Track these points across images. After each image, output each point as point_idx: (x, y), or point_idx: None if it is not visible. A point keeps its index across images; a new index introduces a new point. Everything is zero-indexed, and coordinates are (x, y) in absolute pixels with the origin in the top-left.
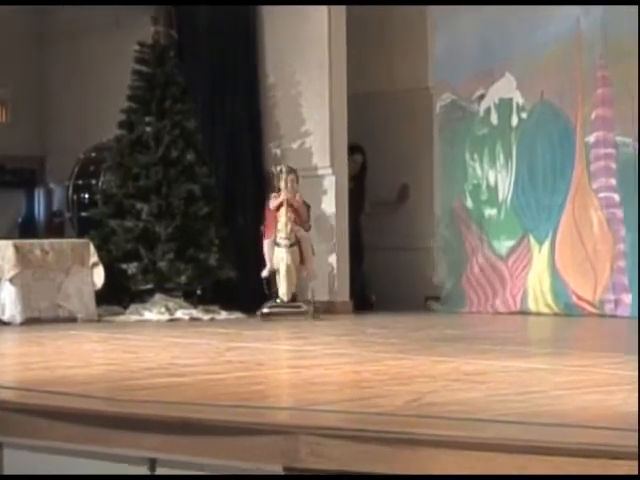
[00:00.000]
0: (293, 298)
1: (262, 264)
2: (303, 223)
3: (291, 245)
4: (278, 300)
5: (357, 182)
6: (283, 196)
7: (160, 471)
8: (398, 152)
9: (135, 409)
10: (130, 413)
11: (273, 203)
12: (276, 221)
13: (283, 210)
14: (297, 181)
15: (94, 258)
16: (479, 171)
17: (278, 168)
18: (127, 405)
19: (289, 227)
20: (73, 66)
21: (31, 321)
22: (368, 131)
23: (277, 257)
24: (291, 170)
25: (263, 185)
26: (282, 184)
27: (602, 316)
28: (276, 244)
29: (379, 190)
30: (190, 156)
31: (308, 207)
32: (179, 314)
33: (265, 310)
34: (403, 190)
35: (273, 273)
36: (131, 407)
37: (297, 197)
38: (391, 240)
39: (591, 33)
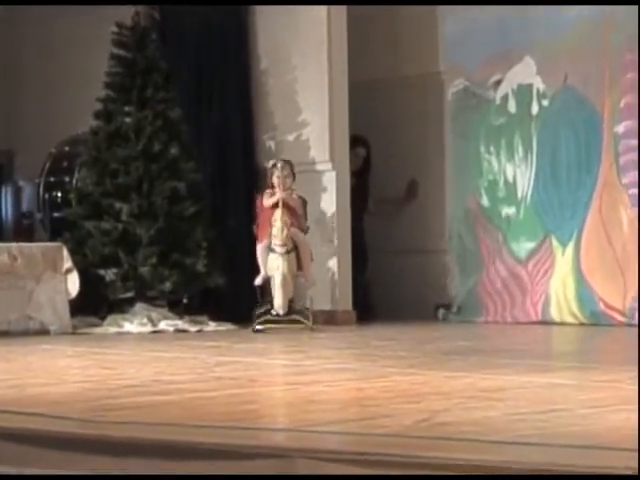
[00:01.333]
0: (289, 310)
1: (255, 270)
2: (301, 225)
3: (288, 252)
4: (273, 312)
5: (360, 178)
6: (279, 195)
7: None
8: (405, 145)
9: (114, 431)
10: (109, 436)
11: (267, 201)
12: (270, 223)
13: (278, 213)
14: (293, 178)
15: (68, 264)
16: (495, 165)
17: (271, 163)
18: (105, 427)
19: (285, 233)
20: (44, 51)
21: None
22: (372, 122)
23: (272, 264)
24: (287, 165)
25: (256, 182)
26: (276, 181)
27: (633, 326)
28: (271, 250)
29: (384, 187)
30: (174, 150)
31: (304, 203)
32: (163, 325)
33: (258, 327)
34: (411, 187)
35: (267, 281)
36: (110, 429)
37: (293, 195)
38: (398, 242)
39: (620, 11)
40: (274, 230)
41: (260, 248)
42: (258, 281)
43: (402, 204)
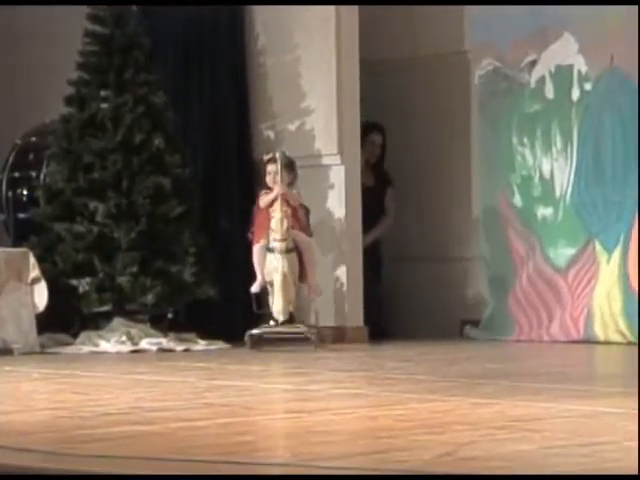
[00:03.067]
0: (291, 318)
1: (251, 278)
2: (302, 225)
3: (288, 250)
4: (272, 322)
5: (378, 170)
6: (277, 190)
7: None
8: (425, 136)
9: (88, 466)
10: (82, 471)
11: (264, 200)
12: (268, 221)
13: (277, 205)
14: (295, 175)
15: (35, 272)
16: (530, 159)
17: (267, 156)
18: (78, 462)
19: (285, 225)
20: (5, 28)
21: None
22: (386, 109)
23: (270, 266)
24: (287, 161)
25: (252, 178)
26: (272, 177)
27: None
28: (269, 250)
29: (399, 186)
30: (158, 140)
31: (307, 211)
32: (144, 344)
33: (255, 331)
34: None
35: (266, 287)
36: (83, 464)
37: (295, 194)
38: (417, 248)
39: None
40: (272, 223)
41: (257, 250)
42: (255, 288)
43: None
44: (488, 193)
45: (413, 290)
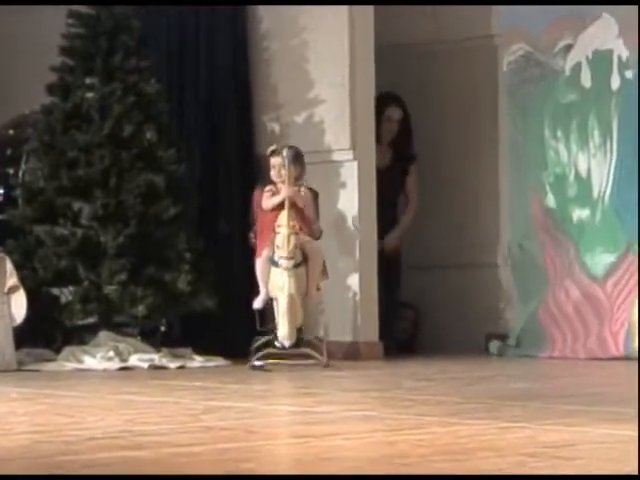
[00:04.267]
0: (298, 341)
1: (254, 289)
2: (311, 230)
3: (295, 265)
4: (277, 344)
5: (396, 151)
6: (284, 193)
7: None
8: (447, 129)
9: None
10: None
11: (267, 202)
12: (272, 230)
13: (283, 217)
14: (302, 169)
15: (12, 280)
16: (564, 155)
17: (271, 148)
18: None
19: (292, 243)
20: None
21: None
22: (405, 99)
23: (275, 282)
24: (293, 151)
25: (254, 175)
26: (279, 173)
27: None
28: (273, 263)
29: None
30: (150, 134)
31: (315, 196)
32: (134, 360)
33: (257, 362)
34: None
35: (270, 304)
36: None
37: (302, 191)
38: (437, 255)
39: None
40: (277, 239)
41: (260, 262)
42: (258, 304)
43: None
44: (517, 193)
45: (432, 301)
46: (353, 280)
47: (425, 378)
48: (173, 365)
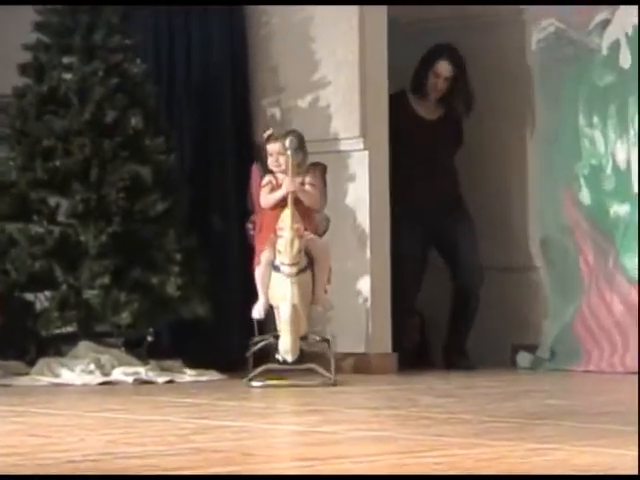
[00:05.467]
0: (301, 356)
1: (252, 295)
2: (317, 227)
3: (300, 271)
4: (278, 358)
5: (445, 103)
6: (286, 187)
7: None
8: (472, 114)
9: None
10: None
11: (267, 198)
12: (273, 229)
13: (287, 218)
14: (305, 153)
15: None
16: (601, 144)
17: (267, 133)
18: None
19: (296, 247)
20: None
21: None
22: None
23: (276, 289)
24: (293, 137)
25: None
26: (274, 159)
27: None
28: (274, 268)
29: None
30: (136, 120)
31: (323, 171)
32: (118, 374)
33: (255, 383)
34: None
35: (270, 312)
36: None
37: (307, 180)
38: None
39: None
40: (280, 243)
41: (260, 267)
42: (257, 312)
43: None
44: (548, 187)
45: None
46: (364, 283)
47: (445, 394)
48: (161, 379)
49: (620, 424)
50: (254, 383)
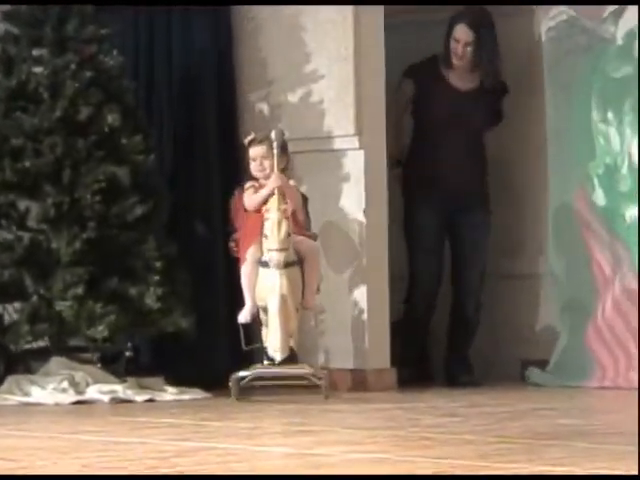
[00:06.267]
0: (291, 356)
1: (238, 303)
2: (304, 229)
3: (288, 264)
4: (266, 362)
5: (480, 95)
6: (272, 182)
7: None
8: None
9: None
10: None
11: (251, 199)
12: (259, 233)
13: (273, 200)
14: (289, 157)
15: None
16: (616, 141)
17: (249, 138)
18: None
19: (284, 230)
20: None
21: None
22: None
23: (264, 285)
24: (282, 139)
25: (238, 167)
26: (258, 164)
27: None
28: (262, 264)
29: None
30: (112, 117)
31: (305, 201)
32: (93, 393)
33: (243, 374)
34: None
35: (258, 316)
36: None
37: (292, 184)
38: None
39: None
40: (266, 226)
41: (246, 265)
42: (243, 317)
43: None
44: (559, 187)
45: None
46: (360, 294)
47: (448, 413)
48: (140, 398)
49: (637, 445)
50: (242, 373)
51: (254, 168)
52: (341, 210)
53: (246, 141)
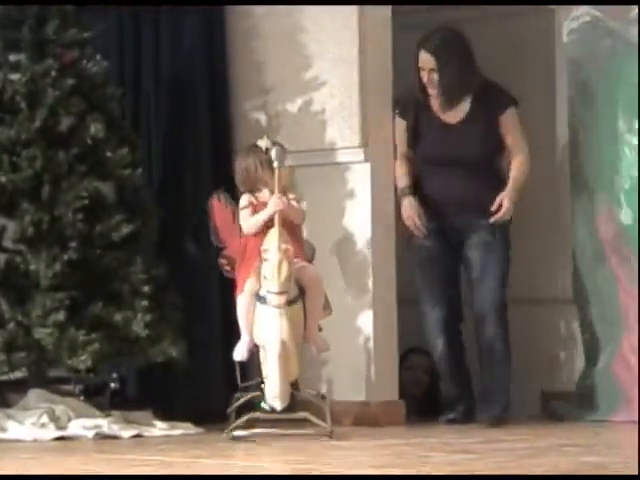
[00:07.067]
0: (292, 403)
1: (234, 334)
2: (305, 252)
3: (290, 302)
4: (265, 406)
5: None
6: (273, 206)
7: None
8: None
9: None
10: None
11: (249, 222)
12: (258, 257)
13: (273, 238)
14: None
15: None
16: None
17: (244, 150)
18: None
19: (285, 272)
20: None
21: None
22: None
23: (262, 325)
24: (278, 150)
25: (233, 181)
26: (262, 180)
27: None
28: (259, 299)
29: None
30: (96, 127)
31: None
32: (75, 428)
33: (238, 432)
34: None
35: (255, 352)
36: None
37: (291, 197)
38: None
39: None
40: (265, 268)
41: (243, 297)
42: (239, 353)
43: None
44: (581, 204)
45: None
46: (365, 320)
47: (462, 449)
48: (127, 434)
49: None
50: (236, 433)
51: (257, 184)
52: (345, 229)
53: (241, 153)
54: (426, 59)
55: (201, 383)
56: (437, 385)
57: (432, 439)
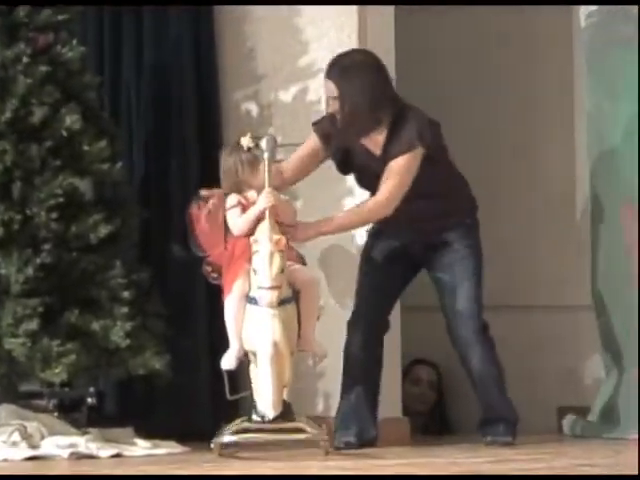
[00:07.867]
0: (285, 412)
1: (221, 343)
2: (296, 253)
3: (283, 301)
4: (255, 417)
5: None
6: (266, 200)
7: None
8: (501, 112)
9: None
10: None
11: (239, 221)
12: (248, 260)
13: (264, 229)
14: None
15: None
16: None
17: (230, 147)
18: None
19: (277, 265)
20: None
21: None
22: (439, 65)
23: (253, 328)
24: (274, 143)
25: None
26: (252, 176)
27: None
28: (250, 300)
29: None
30: (72, 119)
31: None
32: (49, 446)
33: (227, 438)
34: None
35: (245, 362)
36: None
37: (284, 199)
38: (490, 294)
39: None
40: (256, 260)
41: (231, 300)
42: (227, 362)
43: None
44: (602, 203)
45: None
46: None
47: (470, 469)
48: (105, 453)
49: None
50: (228, 438)
51: (247, 180)
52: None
53: (227, 149)
54: (327, 87)
55: (186, 398)
56: (445, 400)
57: (438, 459)
